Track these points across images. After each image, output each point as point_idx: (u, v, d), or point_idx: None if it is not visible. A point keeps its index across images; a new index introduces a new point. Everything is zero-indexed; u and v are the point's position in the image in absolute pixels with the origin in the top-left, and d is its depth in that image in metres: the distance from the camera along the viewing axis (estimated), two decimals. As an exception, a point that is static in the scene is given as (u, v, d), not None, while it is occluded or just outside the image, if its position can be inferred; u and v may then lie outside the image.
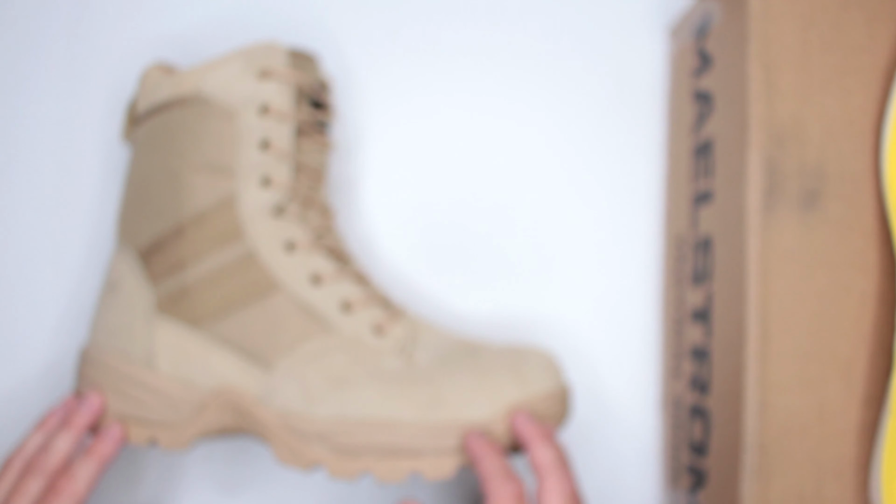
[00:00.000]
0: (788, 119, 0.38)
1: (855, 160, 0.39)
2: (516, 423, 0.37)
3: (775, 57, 0.39)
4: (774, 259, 0.38)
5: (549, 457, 0.35)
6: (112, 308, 0.41)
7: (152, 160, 0.40)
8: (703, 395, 0.43)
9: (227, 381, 0.39)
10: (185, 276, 0.39)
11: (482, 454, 0.35)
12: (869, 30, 0.39)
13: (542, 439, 0.36)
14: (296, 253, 0.39)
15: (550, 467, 0.35)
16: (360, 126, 0.49)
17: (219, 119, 0.39)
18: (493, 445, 0.36)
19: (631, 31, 0.50)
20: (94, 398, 0.40)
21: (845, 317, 0.38)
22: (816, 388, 0.38)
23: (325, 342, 0.38)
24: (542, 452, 0.35)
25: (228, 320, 0.39)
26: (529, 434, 0.36)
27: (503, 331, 0.48)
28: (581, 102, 0.50)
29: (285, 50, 0.39)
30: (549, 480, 0.34)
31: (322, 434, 0.37)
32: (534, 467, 0.35)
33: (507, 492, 0.34)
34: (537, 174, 0.49)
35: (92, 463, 0.38)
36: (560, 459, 0.35)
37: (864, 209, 0.39)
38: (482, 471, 0.35)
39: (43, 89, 0.48)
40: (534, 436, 0.36)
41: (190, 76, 0.39)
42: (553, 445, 0.36)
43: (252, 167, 0.39)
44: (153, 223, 0.40)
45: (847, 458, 0.38)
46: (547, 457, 0.35)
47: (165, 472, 0.47)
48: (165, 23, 0.49)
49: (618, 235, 0.49)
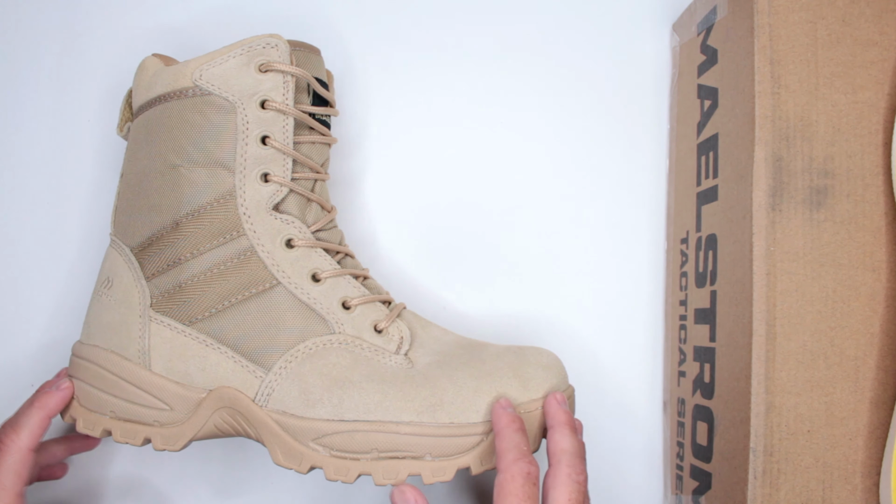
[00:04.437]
0: (795, 115, 0.38)
1: (864, 157, 0.38)
2: (548, 403, 0.37)
3: (781, 51, 0.38)
4: (781, 258, 0.38)
5: (567, 444, 0.35)
6: (106, 305, 0.40)
7: (149, 153, 0.40)
8: (707, 397, 0.42)
9: (224, 380, 0.38)
10: (182, 272, 0.39)
11: (503, 426, 0.35)
12: (878, 23, 0.38)
13: (566, 427, 0.36)
14: (295, 250, 0.39)
15: (567, 454, 0.35)
16: (361, 121, 0.49)
17: (218, 112, 0.39)
18: (516, 420, 0.36)
19: (633, 25, 0.50)
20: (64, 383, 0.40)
21: (853, 317, 0.38)
22: (824, 390, 0.37)
23: (323, 341, 0.38)
24: (562, 438, 0.35)
25: (225, 318, 0.38)
26: (556, 418, 0.36)
27: (504, 330, 0.48)
28: (583, 98, 0.49)
29: (286, 43, 0.39)
30: (561, 467, 0.34)
31: (320, 435, 0.37)
32: (550, 451, 0.35)
33: (519, 469, 0.33)
34: (539, 172, 0.49)
35: (34, 413, 0.39)
36: (578, 450, 0.35)
37: (873, 207, 0.38)
38: (499, 444, 0.35)
39: (38, 82, 0.48)
40: (560, 421, 0.36)
41: (188, 67, 0.39)
42: (575, 436, 0.35)
43: (251, 162, 0.39)
44: (149, 218, 0.40)
45: (856, 462, 0.37)
46: (565, 444, 0.35)
47: (162, 473, 0.47)
48: (164, 15, 0.49)
49: (621, 234, 0.49)
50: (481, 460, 0.37)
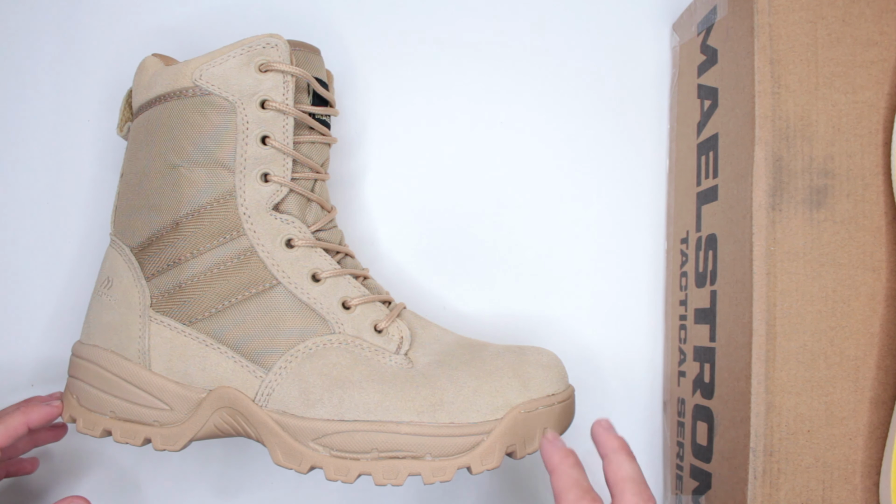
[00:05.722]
0: (795, 115, 0.38)
1: (864, 157, 0.38)
2: (595, 432, 0.36)
3: (782, 51, 0.38)
4: (781, 258, 0.38)
5: (627, 471, 0.34)
6: (106, 305, 0.40)
7: (149, 153, 0.40)
8: (707, 397, 0.42)
9: (224, 380, 0.38)
10: (182, 272, 0.39)
11: (557, 463, 0.34)
12: (878, 23, 0.38)
13: (622, 452, 0.34)
14: (295, 250, 0.39)
15: (630, 482, 0.33)
16: (361, 121, 0.49)
17: (218, 112, 0.38)
18: (571, 455, 0.35)
19: (634, 25, 0.50)
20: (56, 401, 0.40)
21: (853, 317, 0.38)
22: (824, 390, 0.37)
23: (323, 341, 0.38)
24: (620, 466, 0.34)
25: (225, 318, 0.38)
26: (609, 445, 0.35)
27: (504, 330, 0.48)
28: (583, 98, 0.49)
29: (286, 43, 0.39)
30: (626, 496, 0.33)
31: (320, 435, 0.37)
32: (611, 482, 0.34)
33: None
34: (539, 172, 0.49)
35: (17, 417, 0.39)
36: (639, 476, 0.34)
37: (873, 207, 0.38)
38: (557, 483, 0.34)
39: (38, 82, 0.48)
40: (614, 448, 0.35)
41: (188, 67, 0.39)
42: (633, 461, 0.34)
43: (251, 162, 0.39)
44: (149, 218, 0.40)
45: (856, 461, 0.37)
46: (625, 471, 0.34)
47: (162, 473, 0.47)
48: (164, 15, 0.49)
49: (621, 233, 0.49)
50: (481, 460, 0.37)
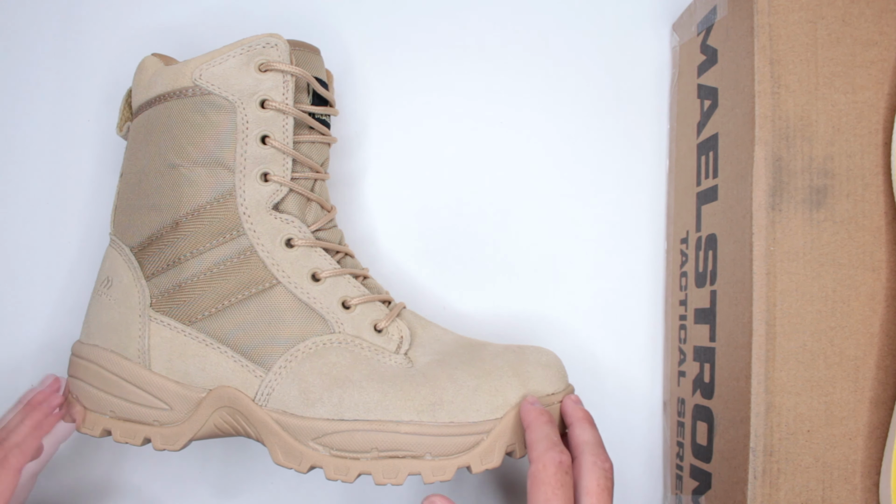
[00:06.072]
0: (795, 115, 0.38)
1: (864, 157, 0.38)
2: (564, 404, 0.39)
3: (781, 51, 0.38)
4: (781, 258, 0.38)
5: (588, 436, 0.37)
6: (106, 305, 0.40)
7: (148, 153, 0.40)
8: (707, 397, 0.42)
9: (224, 379, 0.38)
10: (182, 272, 0.39)
11: (533, 419, 0.37)
12: (878, 23, 0.38)
13: (585, 421, 0.38)
14: (295, 249, 0.39)
15: (589, 445, 0.36)
16: (361, 121, 0.49)
17: (218, 112, 0.38)
18: (545, 413, 0.37)
19: (633, 25, 0.50)
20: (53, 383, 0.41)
21: (853, 317, 0.38)
22: (824, 390, 0.37)
23: (323, 340, 0.38)
24: (582, 432, 0.37)
25: (225, 318, 0.38)
26: (574, 415, 0.38)
27: (504, 330, 0.48)
28: (584, 98, 0.49)
29: (286, 43, 0.39)
30: (586, 456, 0.36)
31: (320, 434, 0.37)
32: (572, 445, 0.37)
33: (550, 458, 0.35)
34: (539, 172, 0.49)
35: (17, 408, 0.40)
36: (599, 441, 0.37)
37: (873, 207, 0.38)
38: (529, 436, 0.36)
39: (38, 82, 0.48)
40: (578, 417, 0.38)
41: (188, 67, 0.39)
42: (594, 428, 0.38)
43: (251, 161, 0.39)
44: (149, 218, 0.40)
45: (856, 461, 0.37)
46: (586, 436, 0.37)
47: (162, 473, 0.47)
48: (164, 15, 0.49)
49: (621, 233, 0.49)
50: (481, 459, 0.37)
